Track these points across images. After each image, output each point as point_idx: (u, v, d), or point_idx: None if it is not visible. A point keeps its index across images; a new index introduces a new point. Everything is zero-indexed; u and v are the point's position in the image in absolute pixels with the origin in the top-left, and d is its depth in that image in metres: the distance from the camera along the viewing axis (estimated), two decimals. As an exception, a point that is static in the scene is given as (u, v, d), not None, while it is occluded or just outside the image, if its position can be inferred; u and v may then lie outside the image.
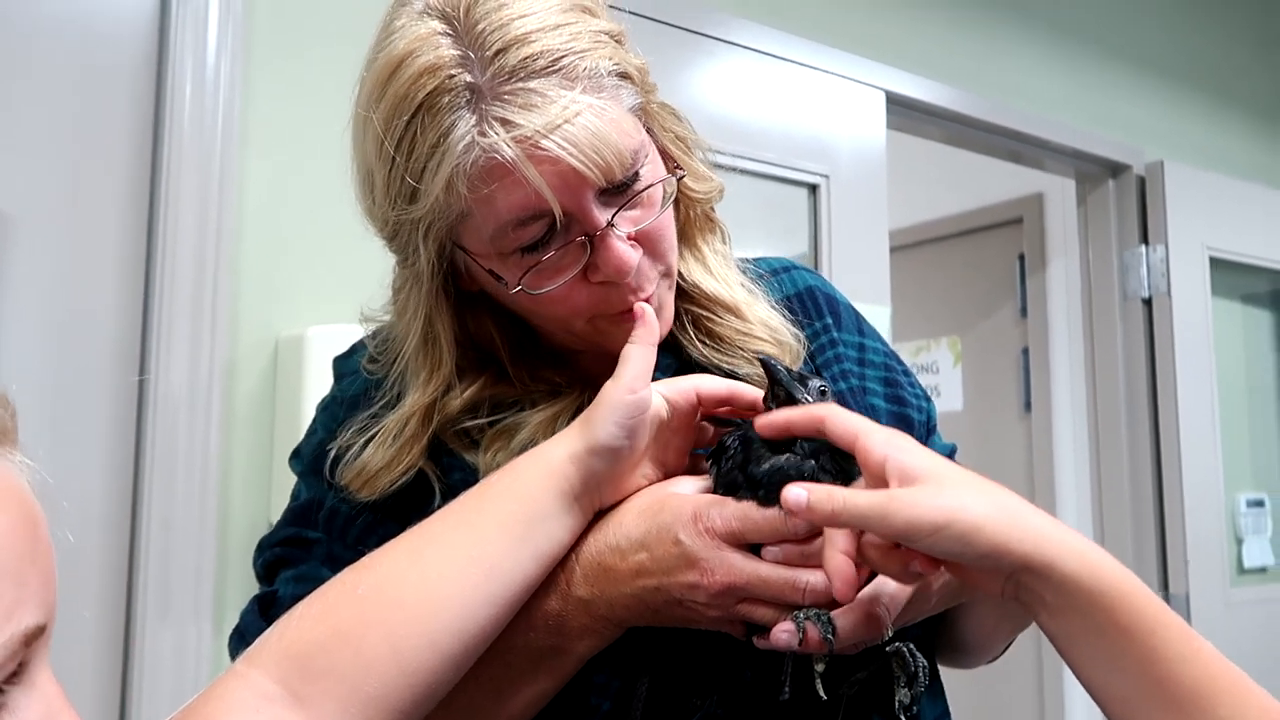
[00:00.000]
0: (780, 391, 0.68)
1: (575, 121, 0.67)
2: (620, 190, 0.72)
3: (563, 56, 0.68)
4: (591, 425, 0.68)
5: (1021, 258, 3.27)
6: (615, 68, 0.71)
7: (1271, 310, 3.18)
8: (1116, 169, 2.79)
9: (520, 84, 0.67)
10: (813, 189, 2.14)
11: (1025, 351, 3.23)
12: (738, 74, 2.05)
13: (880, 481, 0.59)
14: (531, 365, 0.82)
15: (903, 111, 2.32)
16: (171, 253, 1.40)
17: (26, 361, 1.32)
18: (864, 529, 0.59)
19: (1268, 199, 3.01)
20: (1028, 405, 3.20)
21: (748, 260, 0.89)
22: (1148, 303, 2.74)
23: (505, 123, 0.66)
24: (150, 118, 1.43)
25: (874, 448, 0.60)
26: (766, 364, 0.69)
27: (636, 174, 0.72)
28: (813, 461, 0.66)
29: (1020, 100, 2.55)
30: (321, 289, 1.51)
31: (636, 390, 0.68)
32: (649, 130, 0.76)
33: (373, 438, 0.77)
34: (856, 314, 0.94)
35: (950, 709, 0.88)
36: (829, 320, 0.90)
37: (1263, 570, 2.90)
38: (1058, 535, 0.56)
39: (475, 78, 0.67)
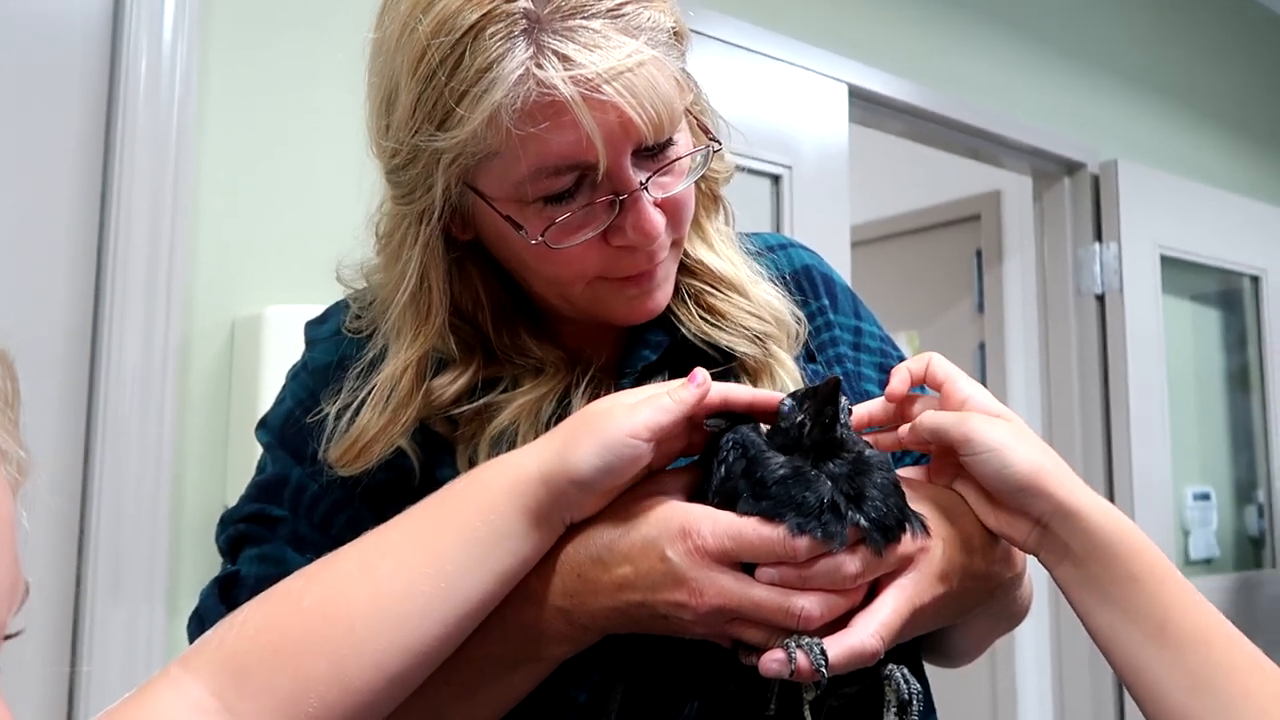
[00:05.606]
0: (829, 411, 0.61)
1: (638, 71, 0.64)
2: (652, 154, 0.69)
3: (627, 3, 0.65)
4: (573, 452, 0.61)
5: (979, 254, 3.32)
6: (673, 25, 0.69)
7: (1220, 309, 3.26)
8: (1072, 167, 2.83)
9: (582, 21, 0.64)
10: (775, 180, 2.16)
11: (982, 346, 3.27)
12: (701, 63, 2.04)
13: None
14: (513, 329, 0.77)
15: (865, 105, 2.34)
16: (125, 231, 1.38)
17: (-26, 339, 1.29)
18: (936, 434, 0.67)
19: (1218, 200, 3.08)
20: (983, 399, 3.24)
21: (744, 235, 0.85)
22: (1100, 299, 2.78)
23: (565, 59, 0.63)
24: (104, 95, 1.40)
25: (959, 390, 0.69)
26: (838, 384, 0.61)
27: (671, 139, 0.69)
28: (829, 484, 0.60)
29: (980, 97, 2.58)
30: (279, 268, 1.49)
31: (640, 439, 0.61)
32: None
33: (364, 402, 0.72)
34: (854, 296, 0.90)
35: None
36: (825, 302, 0.86)
37: (1208, 561, 2.97)
38: (1088, 493, 0.64)
39: (535, 5, 0.63)
